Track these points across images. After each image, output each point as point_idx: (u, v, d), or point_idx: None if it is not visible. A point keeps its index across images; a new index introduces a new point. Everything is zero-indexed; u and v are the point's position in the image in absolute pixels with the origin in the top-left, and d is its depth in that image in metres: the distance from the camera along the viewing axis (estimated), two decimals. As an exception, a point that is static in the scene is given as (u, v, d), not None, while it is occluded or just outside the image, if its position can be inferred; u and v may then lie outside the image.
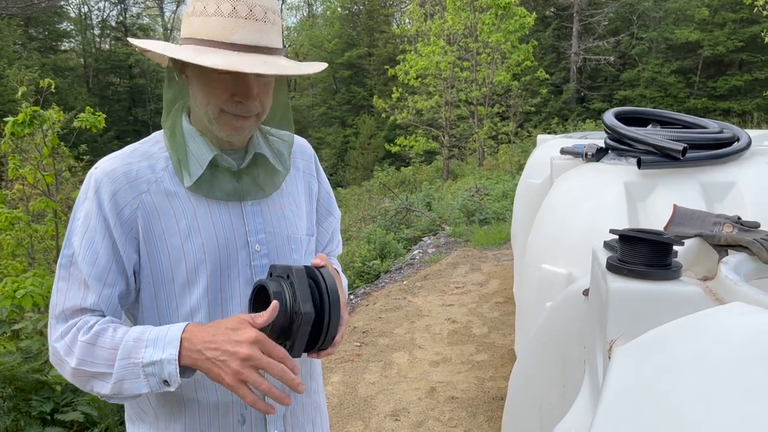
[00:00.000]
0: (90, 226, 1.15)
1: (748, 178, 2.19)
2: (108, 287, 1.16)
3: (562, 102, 27.14)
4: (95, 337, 1.11)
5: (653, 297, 1.04)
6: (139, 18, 41.10)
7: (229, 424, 1.25)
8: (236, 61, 1.07)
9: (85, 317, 1.15)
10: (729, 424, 0.64)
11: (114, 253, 1.16)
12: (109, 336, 1.11)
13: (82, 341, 1.11)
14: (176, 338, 1.07)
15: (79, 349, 1.11)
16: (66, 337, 1.14)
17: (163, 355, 1.06)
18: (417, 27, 21.68)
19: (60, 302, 1.16)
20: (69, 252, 1.17)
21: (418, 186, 16.18)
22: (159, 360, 1.06)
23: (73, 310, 1.15)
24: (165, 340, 1.08)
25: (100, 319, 1.15)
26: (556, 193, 2.59)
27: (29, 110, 4.04)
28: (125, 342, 1.09)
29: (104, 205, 1.15)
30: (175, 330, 1.09)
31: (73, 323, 1.14)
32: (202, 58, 1.06)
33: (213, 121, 1.18)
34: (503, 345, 4.53)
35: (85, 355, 1.11)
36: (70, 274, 1.16)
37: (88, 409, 2.98)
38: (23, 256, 5.15)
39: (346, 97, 33.19)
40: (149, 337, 1.09)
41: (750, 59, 24.94)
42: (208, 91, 1.15)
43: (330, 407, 3.67)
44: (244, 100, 1.15)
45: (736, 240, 1.23)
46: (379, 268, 7.62)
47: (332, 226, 1.52)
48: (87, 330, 1.12)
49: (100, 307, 1.16)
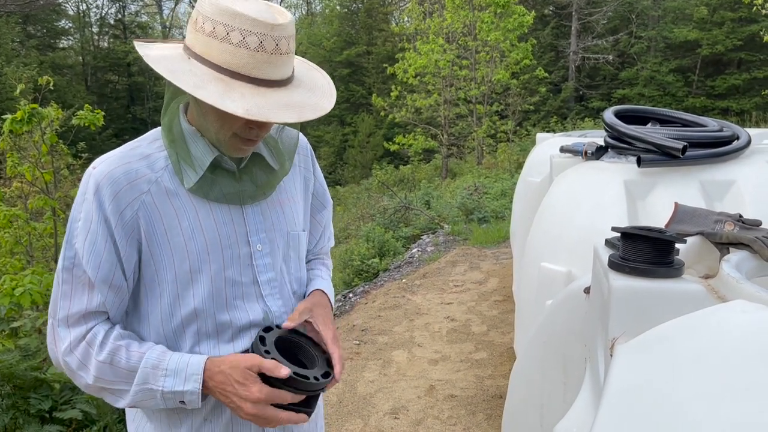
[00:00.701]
0: (91, 229, 1.14)
1: (748, 177, 2.19)
2: (113, 289, 1.16)
3: (561, 100, 27.15)
4: (110, 356, 1.14)
5: (655, 295, 1.04)
6: (138, 16, 41.00)
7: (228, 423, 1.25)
8: (262, 107, 1.05)
9: (92, 328, 1.16)
10: (731, 422, 0.64)
11: (116, 254, 1.15)
12: (124, 357, 1.15)
13: (98, 361, 1.14)
14: (198, 374, 1.14)
15: (96, 368, 1.15)
16: (77, 352, 1.15)
17: (185, 387, 1.13)
18: (416, 25, 21.67)
19: (64, 306, 1.15)
20: (71, 254, 1.15)
21: (417, 184, 16.19)
22: (181, 391, 1.14)
23: (78, 315, 1.15)
24: (186, 373, 1.13)
25: (107, 332, 1.16)
26: (555, 191, 2.59)
27: (28, 108, 4.03)
28: (143, 368, 1.14)
29: (105, 207, 1.14)
30: (195, 365, 1.14)
31: (81, 335, 1.15)
32: (231, 103, 1.04)
33: (223, 142, 1.17)
34: (502, 343, 4.53)
35: (101, 374, 1.15)
36: (73, 277, 1.15)
37: (86, 407, 2.98)
38: (21, 253, 5.13)
39: (344, 96, 33.11)
40: (168, 367, 1.14)
41: (749, 58, 24.96)
42: (221, 116, 1.12)
43: (329, 405, 3.67)
44: (259, 129, 1.16)
45: (738, 238, 1.22)
46: (378, 266, 7.62)
47: (325, 219, 1.53)
48: (100, 347, 1.14)
49: (105, 308, 1.17)
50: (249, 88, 1.06)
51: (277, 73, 1.09)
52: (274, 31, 1.06)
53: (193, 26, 1.10)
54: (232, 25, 1.05)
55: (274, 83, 1.09)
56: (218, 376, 1.13)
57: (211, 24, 1.06)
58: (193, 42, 1.10)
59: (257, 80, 1.07)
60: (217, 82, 1.06)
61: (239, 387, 1.11)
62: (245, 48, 1.05)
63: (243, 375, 1.11)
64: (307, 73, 1.22)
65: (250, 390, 1.11)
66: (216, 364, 1.14)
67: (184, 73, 1.07)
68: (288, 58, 1.11)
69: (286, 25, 1.08)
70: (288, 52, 1.10)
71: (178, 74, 1.07)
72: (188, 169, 1.18)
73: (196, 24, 1.09)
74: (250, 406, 1.11)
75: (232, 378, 1.12)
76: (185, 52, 1.12)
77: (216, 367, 1.14)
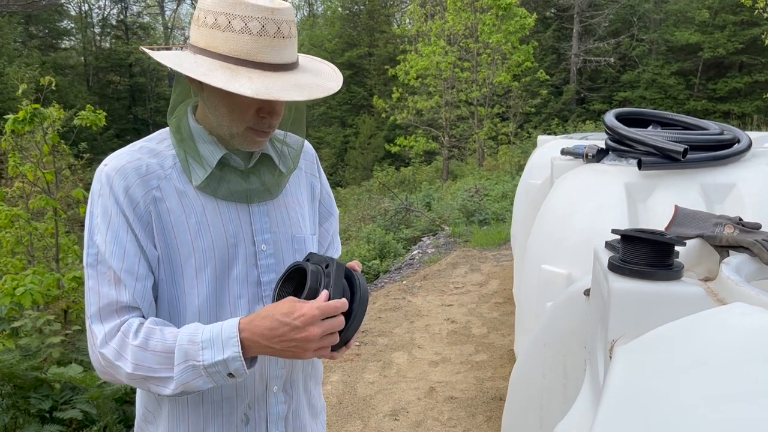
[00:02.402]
0: (111, 222, 1.14)
1: (749, 180, 2.19)
2: (140, 280, 1.15)
3: (562, 103, 27.14)
4: (145, 340, 1.10)
5: (655, 297, 1.05)
6: (140, 17, 41.06)
7: (233, 423, 1.25)
8: (271, 88, 1.06)
9: (127, 319, 1.13)
10: (730, 425, 0.64)
11: (139, 246, 1.15)
12: (159, 338, 1.10)
13: (134, 345, 1.10)
14: (234, 336, 1.08)
15: (132, 354, 1.10)
16: (112, 342, 1.12)
17: (225, 355, 1.07)
18: (417, 27, 21.66)
19: (95, 302, 1.14)
20: (93, 251, 1.15)
21: (418, 186, 16.20)
22: (222, 360, 1.07)
23: (110, 309, 1.13)
24: (222, 339, 1.08)
25: (143, 321, 1.14)
26: (556, 193, 2.60)
27: (29, 108, 4.04)
28: (179, 345, 1.09)
29: (120, 200, 1.14)
30: (228, 329, 1.09)
31: (115, 326, 1.13)
32: (239, 86, 1.05)
33: (236, 135, 1.18)
34: (502, 345, 4.53)
35: (139, 360, 1.10)
36: (98, 273, 1.14)
37: (87, 407, 2.98)
38: (23, 253, 5.15)
39: (346, 97, 33.15)
40: (203, 339, 1.09)
41: (750, 61, 24.95)
42: (232, 108, 1.14)
43: (329, 407, 3.67)
44: (270, 117, 1.16)
45: (738, 241, 1.23)
46: (379, 267, 7.62)
47: (333, 227, 1.52)
48: (135, 334, 1.11)
49: (136, 302, 1.14)
50: (256, 73, 1.08)
51: (281, 56, 1.11)
52: (275, 15, 1.09)
53: (195, 23, 1.13)
54: (233, 14, 1.07)
55: (279, 67, 1.11)
56: (262, 325, 1.07)
57: (213, 16, 1.09)
58: (197, 38, 1.12)
59: (263, 65, 1.09)
60: (224, 70, 1.08)
61: (291, 319, 1.05)
62: (248, 33, 1.07)
63: (288, 306, 1.07)
64: (311, 63, 1.24)
65: (303, 312, 1.05)
66: (250, 318, 1.10)
67: (190, 64, 1.10)
68: (291, 42, 1.13)
69: (285, 9, 1.11)
70: (290, 36, 1.12)
71: (185, 65, 1.10)
72: (197, 166, 1.19)
73: (198, 20, 1.12)
74: (314, 329, 1.05)
75: (277, 315, 1.06)
76: (190, 50, 1.14)
77: (252, 321, 1.09)
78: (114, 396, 3.09)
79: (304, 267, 1.14)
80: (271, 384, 1.27)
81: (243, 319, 1.10)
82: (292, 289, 1.18)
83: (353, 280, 1.18)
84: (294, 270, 1.17)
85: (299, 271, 1.16)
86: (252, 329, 1.08)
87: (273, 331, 1.06)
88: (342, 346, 1.16)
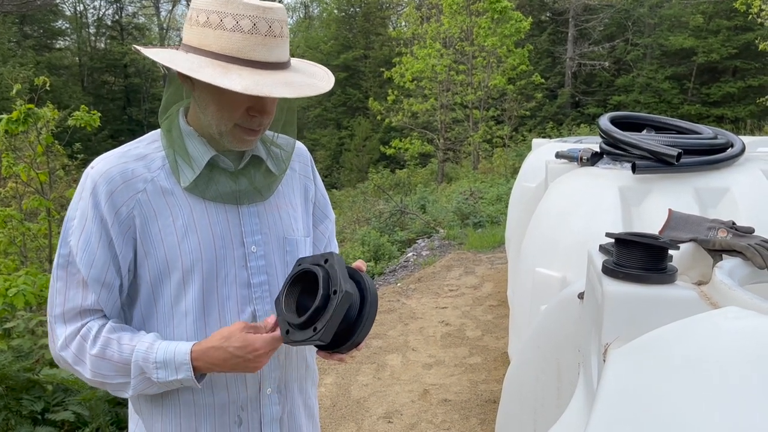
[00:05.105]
0: (86, 227, 1.15)
1: (742, 184, 2.20)
2: (106, 287, 1.17)
3: (557, 106, 27.22)
4: (102, 350, 1.16)
5: (649, 300, 1.05)
6: (135, 17, 40.94)
7: (225, 425, 1.25)
8: (261, 84, 1.06)
9: (88, 323, 1.17)
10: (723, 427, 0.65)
11: (111, 252, 1.16)
12: (116, 350, 1.16)
13: (92, 355, 1.15)
14: (186, 363, 1.14)
15: (91, 362, 1.16)
16: (72, 346, 1.16)
17: (178, 376, 1.15)
18: (413, 30, 21.71)
19: (60, 303, 1.17)
20: (65, 252, 1.17)
21: (413, 188, 16.19)
22: (176, 379, 1.15)
23: (74, 312, 1.17)
24: (174, 364, 1.14)
25: (102, 326, 1.17)
26: (551, 197, 2.60)
27: (23, 108, 4.02)
28: (135, 361, 1.15)
29: (101, 205, 1.15)
30: (181, 356, 1.14)
31: (75, 330, 1.16)
32: (229, 81, 1.05)
33: (225, 134, 1.18)
34: (496, 348, 4.53)
35: (96, 367, 1.16)
36: (67, 274, 1.17)
37: (79, 408, 2.96)
38: (15, 254, 5.11)
39: (341, 99, 33.15)
40: (157, 359, 1.14)
41: (744, 66, 25.09)
42: (221, 105, 1.15)
43: (323, 409, 3.66)
44: (260, 115, 1.16)
45: (731, 245, 1.23)
46: (373, 270, 7.61)
47: (328, 230, 1.51)
48: (93, 341, 1.16)
49: (99, 306, 1.18)
50: (247, 70, 1.09)
51: (272, 55, 1.11)
52: (266, 13, 1.09)
53: (188, 23, 1.14)
54: (224, 12, 1.08)
55: (270, 65, 1.11)
56: (214, 353, 1.13)
57: (205, 15, 1.10)
58: (189, 37, 1.13)
59: (254, 62, 1.10)
60: (214, 67, 1.08)
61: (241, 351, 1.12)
62: (239, 32, 1.08)
63: (240, 339, 1.13)
64: (303, 65, 1.25)
65: (252, 346, 1.12)
66: (204, 349, 1.15)
67: (181, 61, 1.11)
68: (282, 42, 1.13)
69: (277, 9, 1.11)
70: (282, 35, 1.12)
71: (175, 62, 1.10)
72: (185, 167, 1.19)
73: (191, 19, 1.13)
74: (264, 359, 1.14)
75: (229, 348, 1.12)
76: (183, 49, 1.15)
77: (206, 351, 1.14)
78: (106, 398, 3.07)
79: (315, 272, 1.13)
80: (265, 385, 1.27)
81: (196, 346, 1.15)
82: (299, 292, 1.18)
83: (362, 284, 1.19)
84: (302, 273, 1.17)
85: (308, 275, 1.16)
86: (205, 359, 1.14)
87: (226, 361, 1.13)
88: (353, 348, 1.18)
